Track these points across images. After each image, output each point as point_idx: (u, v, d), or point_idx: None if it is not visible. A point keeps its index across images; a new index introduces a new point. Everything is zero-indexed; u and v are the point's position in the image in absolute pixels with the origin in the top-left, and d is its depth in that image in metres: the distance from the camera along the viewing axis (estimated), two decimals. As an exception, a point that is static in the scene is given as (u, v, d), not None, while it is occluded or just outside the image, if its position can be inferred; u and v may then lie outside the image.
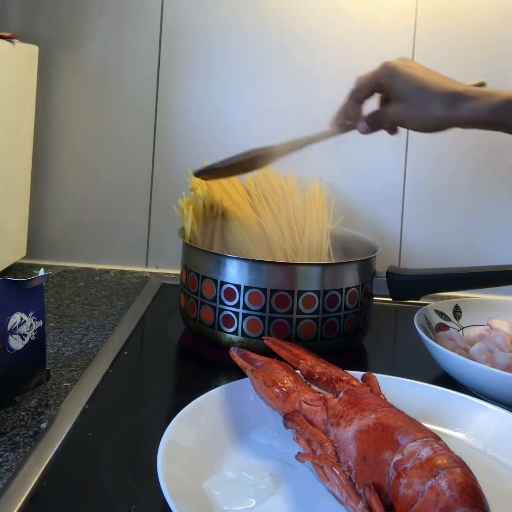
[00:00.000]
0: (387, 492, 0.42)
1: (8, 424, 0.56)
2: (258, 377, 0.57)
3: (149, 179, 1.07)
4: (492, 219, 1.04)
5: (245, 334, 0.72)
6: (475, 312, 0.81)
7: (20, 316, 0.57)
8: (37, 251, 1.07)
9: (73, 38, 1.05)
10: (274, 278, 0.71)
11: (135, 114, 1.06)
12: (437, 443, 0.43)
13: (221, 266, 0.73)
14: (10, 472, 0.49)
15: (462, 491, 0.39)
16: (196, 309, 0.76)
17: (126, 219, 1.08)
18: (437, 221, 1.05)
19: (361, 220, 1.03)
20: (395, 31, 1.01)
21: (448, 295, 0.95)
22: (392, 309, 0.93)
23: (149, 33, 1.04)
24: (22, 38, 0.96)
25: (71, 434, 0.55)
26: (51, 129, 1.06)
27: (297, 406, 0.52)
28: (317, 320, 0.72)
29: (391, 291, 0.77)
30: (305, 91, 1.03)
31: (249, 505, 0.46)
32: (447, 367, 0.68)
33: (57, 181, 1.08)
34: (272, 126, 1.04)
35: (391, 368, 0.76)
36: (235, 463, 0.51)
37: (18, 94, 0.97)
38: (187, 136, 1.06)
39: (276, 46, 1.03)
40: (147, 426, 0.59)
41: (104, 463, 0.51)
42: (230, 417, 0.56)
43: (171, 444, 0.49)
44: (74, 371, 0.68)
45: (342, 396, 0.50)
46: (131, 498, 0.47)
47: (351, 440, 0.46)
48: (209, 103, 1.05)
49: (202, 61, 1.04)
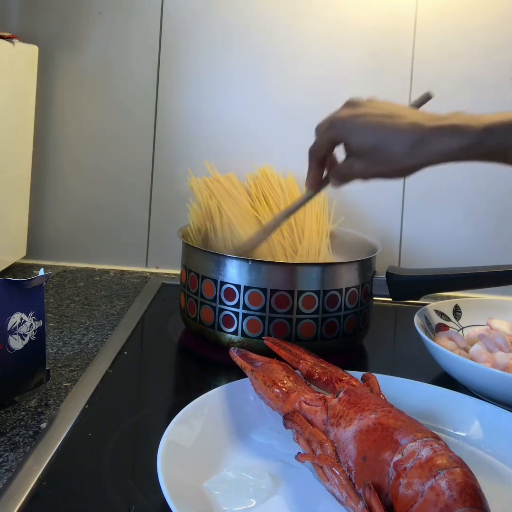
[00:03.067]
0: (387, 492, 0.42)
1: (8, 424, 0.56)
2: (258, 377, 0.57)
3: (149, 179, 1.07)
4: (492, 219, 1.04)
5: (245, 334, 0.72)
6: (475, 312, 0.81)
7: (20, 316, 0.57)
8: (37, 251, 1.07)
9: (73, 38, 1.05)
10: (274, 278, 0.71)
11: (135, 114, 1.06)
12: (437, 443, 0.43)
13: (221, 266, 0.73)
14: (10, 472, 0.49)
15: (462, 491, 0.39)
16: (196, 309, 0.76)
17: (126, 219, 1.08)
18: (437, 221, 1.05)
19: (361, 220, 1.03)
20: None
21: (448, 295, 0.95)
22: (392, 309, 0.93)
23: (149, 33, 1.04)
24: (22, 38, 0.96)
25: (71, 434, 0.55)
26: (51, 129, 1.06)
27: (297, 406, 0.52)
28: (317, 320, 0.72)
29: (391, 291, 0.77)
30: (306, 92, 1.03)
31: (249, 505, 0.46)
32: (447, 367, 0.68)
33: (57, 181, 1.08)
34: (272, 127, 1.05)
35: (391, 368, 0.76)
36: (235, 463, 0.51)
37: (18, 94, 0.97)
38: (187, 136, 1.06)
39: (277, 48, 1.03)
40: (147, 426, 0.59)
41: (104, 463, 0.51)
42: (230, 417, 0.56)
43: (171, 444, 0.49)
44: (74, 371, 0.68)
45: (342, 396, 0.50)
46: (131, 498, 0.47)
47: (351, 440, 0.46)
48: (209, 103, 1.05)
49: (202, 62, 1.04)
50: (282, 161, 0.96)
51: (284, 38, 1.03)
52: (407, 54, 1.01)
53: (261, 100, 1.04)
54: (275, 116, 1.04)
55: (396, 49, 1.01)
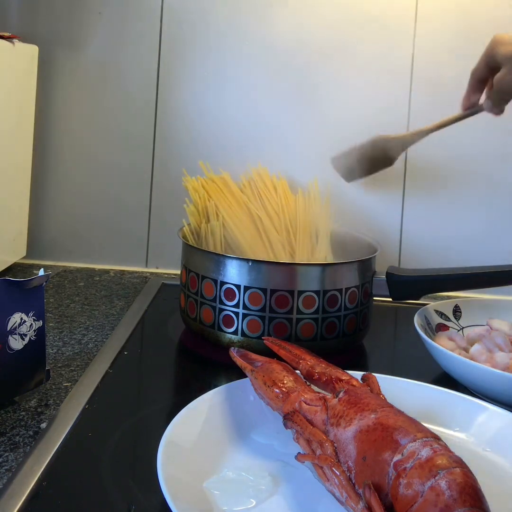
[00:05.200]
0: (387, 492, 0.42)
1: (8, 424, 0.56)
2: (258, 377, 0.57)
3: (149, 179, 1.07)
4: (492, 219, 1.04)
5: (245, 334, 0.72)
6: (475, 312, 0.81)
7: (20, 316, 0.57)
8: (37, 251, 1.07)
9: (73, 38, 1.05)
10: (274, 278, 0.71)
11: (135, 114, 1.06)
12: (437, 443, 0.43)
13: (221, 266, 0.73)
14: (10, 472, 0.49)
15: (462, 491, 0.39)
16: (196, 309, 0.76)
17: (126, 219, 1.08)
18: (437, 221, 1.05)
19: (361, 220, 1.03)
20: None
21: (448, 295, 0.95)
22: (392, 309, 0.93)
23: (149, 33, 1.04)
24: (22, 38, 0.96)
25: (71, 434, 0.55)
26: (51, 129, 1.06)
27: (297, 406, 0.52)
28: (317, 320, 0.72)
29: (391, 291, 0.77)
30: (305, 94, 1.03)
31: (249, 505, 0.46)
32: (447, 367, 0.68)
33: (57, 181, 1.08)
34: (272, 127, 1.05)
35: (391, 368, 0.76)
36: (235, 463, 0.51)
37: (18, 94, 0.97)
38: (187, 136, 1.06)
39: (276, 50, 1.03)
40: (147, 426, 0.59)
41: (104, 463, 0.51)
42: (230, 417, 0.56)
43: (171, 444, 0.49)
44: (74, 371, 0.68)
45: (342, 396, 0.50)
46: (131, 498, 0.47)
47: (351, 440, 0.46)
48: (209, 103, 1.05)
49: (202, 61, 1.04)
50: (275, 163, 0.96)
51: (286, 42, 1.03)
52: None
53: (262, 101, 1.04)
54: (276, 117, 1.04)
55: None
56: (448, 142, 1.00)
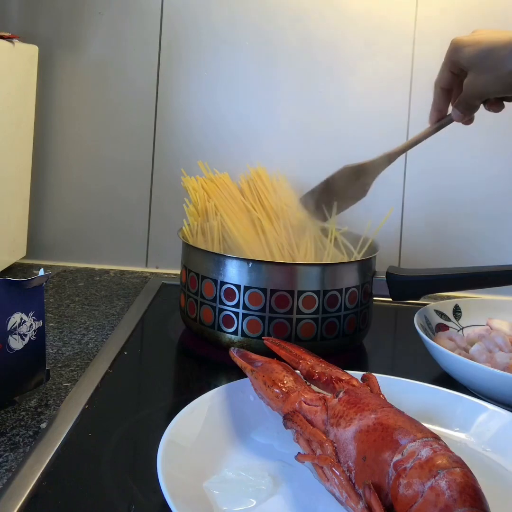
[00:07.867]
0: (387, 492, 0.42)
1: (8, 424, 0.56)
2: (258, 377, 0.57)
3: (149, 179, 1.07)
4: (492, 219, 1.04)
5: (245, 334, 0.72)
6: (475, 312, 0.81)
7: (20, 316, 0.57)
8: (37, 251, 1.07)
9: (73, 38, 1.05)
10: (274, 278, 0.71)
11: (135, 114, 1.06)
12: (437, 443, 0.43)
13: (221, 266, 0.73)
14: (10, 472, 0.49)
15: (462, 491, 0.39)
16: (196, 309, 0.76)
17: (126, 219, 1.08)
18: (437, 221, 1.04)
19: (361, 220, 1.03)
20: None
21: (448, 295, 0.95)
22: (392, 309, 0.93)
23: (149, 33, 1.04)
24: (22, 38, 0.96)
25: (71, 434, 0.55)
26: (51, 129, 1.06)
27: (297, 406, 0.52)
28: (317, 320, 0.72)
29: (391, 291, 0.77)
30: (308, 94, 1.03)
31: (249, 505, 0.46)
32: (447, 367, 0.68)
33: (57, 181, 1.08)
34: (273, 128, 1.05)
35: (391, 368, 0.76)
36: (235, 463, 0.51)
37: (18, 94, 0.97)
38: (188, 136, 1.06)
39: (281, 49, 1.03)
40: (147, 426, 0.59)
41: (104, 463, 0.51)
42: (230, 417, 0.56)
43: (171, 444, 0.49)
44: (74, 371, 0.68)
45: (342, 396, 0.50)
46: (131, 498, 0.47)
47: (351, 440, 0.46)
48: (209, 102, 1.05)
49: (202, 61, 1.04)
50: (275, 163, 0.96)
51: (290, 41, 1.03)
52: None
53: (262, 101, 1.04)
54: (276, 117, 1.04)
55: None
56: (448, 143, 1.00)
